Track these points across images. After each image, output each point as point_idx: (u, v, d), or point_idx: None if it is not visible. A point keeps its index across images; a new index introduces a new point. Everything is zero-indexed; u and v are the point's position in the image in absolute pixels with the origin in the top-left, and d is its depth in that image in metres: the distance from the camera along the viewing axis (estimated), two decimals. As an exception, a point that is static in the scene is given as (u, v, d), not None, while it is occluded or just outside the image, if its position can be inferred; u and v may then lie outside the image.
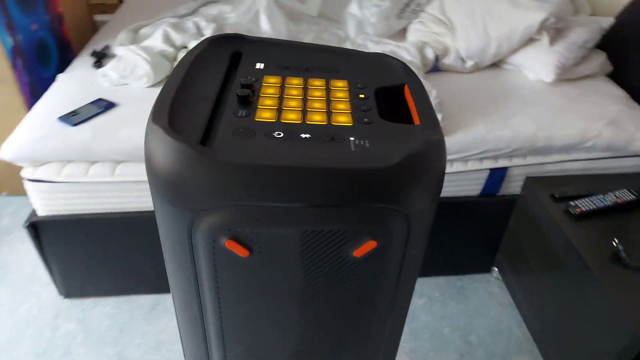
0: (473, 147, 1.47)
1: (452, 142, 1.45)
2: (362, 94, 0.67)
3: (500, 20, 1.75)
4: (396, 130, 0.60)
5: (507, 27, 1.74)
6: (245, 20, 2.00)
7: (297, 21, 2.10)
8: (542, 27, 1.69)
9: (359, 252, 0.57)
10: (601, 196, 1.38)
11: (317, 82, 0.69)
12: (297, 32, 2.01)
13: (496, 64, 1.88)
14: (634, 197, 1.38)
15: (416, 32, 2.00)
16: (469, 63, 1.83)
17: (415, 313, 1.68)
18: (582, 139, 1.50)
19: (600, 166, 1.57)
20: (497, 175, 1.55)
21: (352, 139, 0.57)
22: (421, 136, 0.57)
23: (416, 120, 0.63)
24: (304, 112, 0.62)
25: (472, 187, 1.57)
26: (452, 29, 1.90)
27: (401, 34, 2.09)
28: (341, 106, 0.64)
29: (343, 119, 0.61)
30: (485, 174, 1.54)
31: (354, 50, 0.81)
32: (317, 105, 0.64)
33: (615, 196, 1.38)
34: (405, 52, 1.82)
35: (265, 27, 1.94)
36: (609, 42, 1.77)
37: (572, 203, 1.37)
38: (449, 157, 1.49)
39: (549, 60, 1.70)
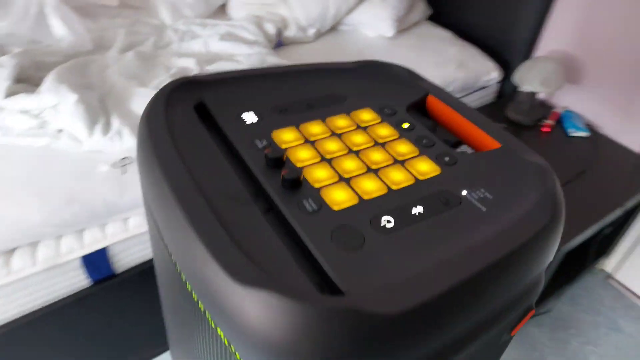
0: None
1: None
2: (404, 123, 0.53)
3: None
4: (487, 160, 0.48)
5: (340, -14, 1.69)
6: (24, 29, 1.50)
7: (93, 17, 1.68)
8: (376, -17, 1.68)
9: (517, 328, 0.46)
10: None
11: (342, 122, 0.52)
12: (100, 32, 1.60)
13: (334, 27, 1.83)
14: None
15: (242, 5, 1.81)
16: (311, 31, 1.74)
17: None
18: (444, 86, 1.59)
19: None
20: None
21: (464, 193, 0.44)
22: (528, 167, 0.47)
23: (478, 138, 0.52)
24: (375, 174, 0.45)
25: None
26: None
27: (221, 10, 1.87)
28: (403, 149, 0.49)
29: (425, 168, 0.47)
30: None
31: (331, 63, 0.64)
32: (377, 157, 0.48)
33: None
34: (244, 31, 1.62)
35: (62, 32, 1.48)
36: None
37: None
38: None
39: (386, 14, 1.73)
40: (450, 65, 1.64)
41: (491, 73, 1.70)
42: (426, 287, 0.34)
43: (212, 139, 0.47)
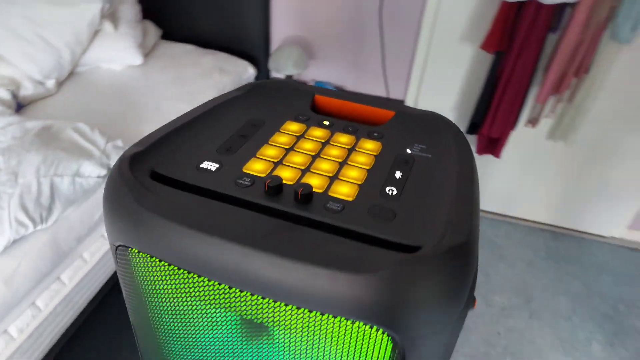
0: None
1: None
2: (324, 122, 0.61)
3: (56, 26, 1.53)
4: (397, 125, 0.62)
5: (68, 29, 1.55)
6: None
7: None
8: (102, 15, 1.60)
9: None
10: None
11: (283, 139, 0.58)
12: None
13: (72, 72, 1.67)
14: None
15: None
16: (50, 83, 1.56)
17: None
18: (218, 94, 1.67)
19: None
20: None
21: (409, 152, 0.57)
22: (426, 118, 0.63)
23: (376, 114, 0.66)
24: (348, 165, 0.54)
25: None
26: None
27: None
28: (344, 139, 0.58)
29: (372, 146, 0.58)
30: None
31: (221, 96, 0.65)
32: (336, 152, 0.56)
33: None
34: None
35: None
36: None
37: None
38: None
39: (126, 43, 1.68)
40: (213, 73, 1.72)
41: (248, 70, 1.86)
42: (463, 229, 0.45)
43: (191, 197, 0.46)
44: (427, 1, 1.68)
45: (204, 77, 1.69)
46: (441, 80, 1.83)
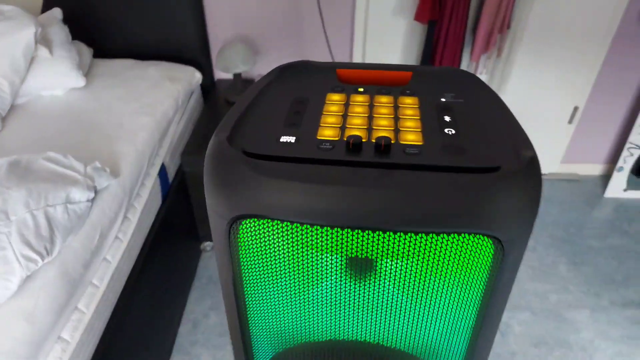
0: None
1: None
2: (359, 88, 0.68)
3: (-10, 56, 1.44)
4: (419, 82, 0.70)
5: (4, 60, 1.46)
6: None
7: None
8: (36, 40, 1.52)
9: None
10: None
11: (334, 107, 0.63)
12: None
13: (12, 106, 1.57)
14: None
15: None
16: (-6, 118, 1.46)
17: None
18: (176, 104, 1.66)
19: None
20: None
21: (444, 100, 0.65)
22: (444, 72, 0.72)
23: (396, 77, 0.73)
24: (400, 119, 0.61)
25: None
26: None
27: None
28: (385, 100, 0.65)
29: (411, 101, 0.65)
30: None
31: (259, 82, 0.69)
32: (386, 110, 0.63)
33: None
34: None
35: None
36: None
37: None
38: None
39: (66, 66, 1.61)
40: (164, 82, 1.70)
41: (195, 75, 1.85)
42: (528, 146, 0.53)
43: (291, 164, 0.50)
44: (359, -17, 1.78)
45: (156, 88, 1.66)
46: (381, 53, 1.95)
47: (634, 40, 1.89)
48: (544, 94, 2.03)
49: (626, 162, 2.09)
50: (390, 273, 0.53)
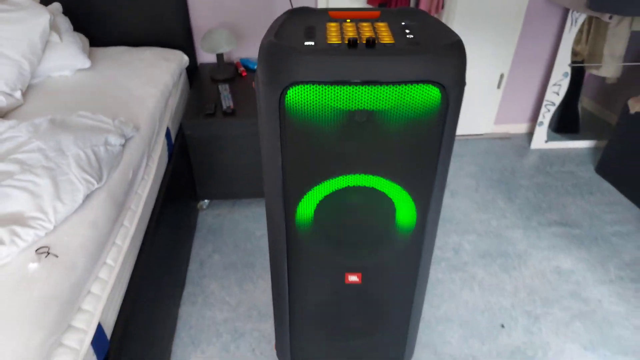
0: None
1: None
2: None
3: (13, 41, 1.66)
4: (387, 16, 1.05)
5: (24, 43, 1.69)
6: None
7: None
8: (50, 26, 1.77)
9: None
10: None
11: (334, 26, 0.96)
12: None
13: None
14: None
15: None
16: (17, 94, 1.69)
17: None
18: (173, 79, 1.93)
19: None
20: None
21: (403, 23, 1.00)
22: (403, 10, 1.07)
23: (371, 14, 1.07)
24: (377, 30, 0.95)
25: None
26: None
27: None
28: (365, 25, 0.99)
29: (384, 25, 0.99)
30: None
31: (274, 24, 1.01)
32: (367, 27, 0.97)
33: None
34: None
35: None
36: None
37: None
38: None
39: (73, 50, 1.85)
40: (160, 62, 1.97)
41: (183, 57, 2.13)
42: (456, 37, 0.88)
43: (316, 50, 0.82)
44: (320, -25, 2.13)
45: (154, 66, 1.93)
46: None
47: (541, 15, 2.35)
48: (476, 64, 2.46)
49: (545, 117, 2.55)
50: (379, 120, 0.87)
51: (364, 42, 0.86)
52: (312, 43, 0.87)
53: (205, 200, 2.17)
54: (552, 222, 2.13)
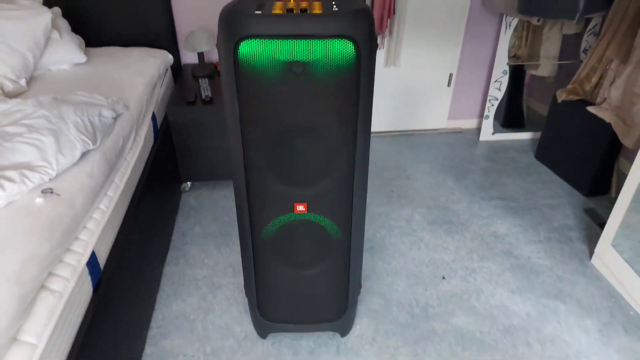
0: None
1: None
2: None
3: (19, 36, 1.94)
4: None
5: (29, 37, 1.96)
6: None
7: None
8: (52, 24, 2.05)
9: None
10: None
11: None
12: None
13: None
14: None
15: None
16: (22, 81, 1.95)
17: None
18: (160, 75, 2.22)
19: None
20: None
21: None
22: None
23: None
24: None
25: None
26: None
27: None
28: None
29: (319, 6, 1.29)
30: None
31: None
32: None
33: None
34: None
35: None
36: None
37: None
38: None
39: (71, 46, 2.13)
40: (147, 58, 2.26)
41: (168, 56, 2.42)
42: (367, 7, 1.18)
43: (263, 15, 1.11)
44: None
45: (142, 62, 2.22)
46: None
47: (480, 20, 2.70)
48: (427, 65, 2.79)
49: (490, 111, 2.87)
50: (313, 70, 1.15)
51: (299, 11, 1.15)
52: (260, 12, 1.16)
53: (188, 183, 2.43)
54: (493, 197, 2.42)
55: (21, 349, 1.02)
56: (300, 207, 1.35)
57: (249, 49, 1.12)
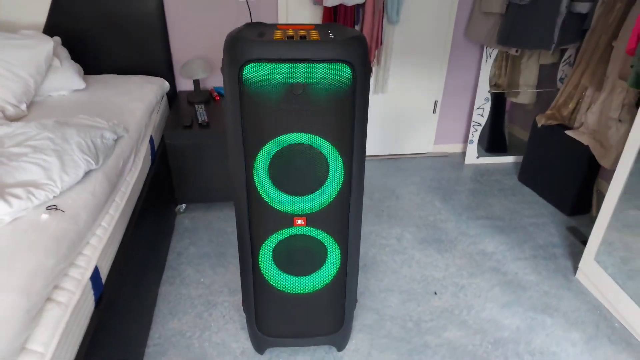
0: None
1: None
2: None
3: (22, 62, 2.01)
4: (320, 30, 1.45)
5: (32, 64, 2.03)
6: None
7: None
8: (54, 52, 2.12)
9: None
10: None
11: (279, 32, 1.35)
12: None
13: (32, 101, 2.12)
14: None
15: None
16: (23, 106, 2.01)
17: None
18: (157, 103, 2.29)
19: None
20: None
21: (331, 35, 1.40)
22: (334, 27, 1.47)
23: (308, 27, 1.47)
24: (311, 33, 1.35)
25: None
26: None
27: None
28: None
29: (316, 35, 1.39)
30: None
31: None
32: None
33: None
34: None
35: None
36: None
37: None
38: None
39: (71, 73, 2.20)
40: (144, 85, 2.34)
41: (164, 83, 2.51)
42: (361, 36, 1.28)
43: (267, 42, 1.20)
44: (279, 12, 2.58)
45: (140, 88, 2.29)
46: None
47: (462, 51, 2.86)
48: (413, 92, 2.92)
49: (474, 136, 2.99)
50: (312, 91, 1.24)
51: (298, 38, 1.24)
52: (262, 39, 1.25)
53: (183, 205, 2.47)
54: (479, 217, 2.51)
55: (30, 358, 1.04)
56: (300, 221, 1.41)
57: (253, 71, 1.20)
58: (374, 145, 3.09)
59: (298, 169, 1.34)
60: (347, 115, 1.28)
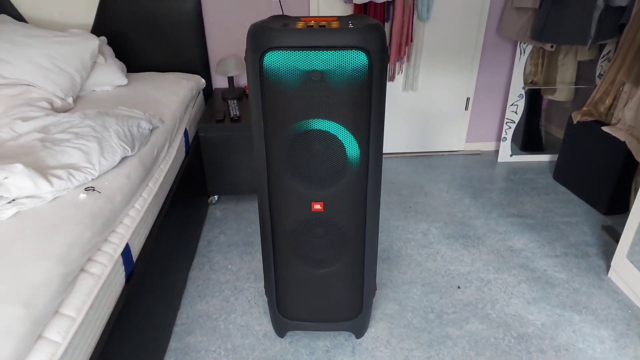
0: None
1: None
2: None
3: (68, 58, 2.16)
4: (343, 21, 1.49)
5: (77, 60, 2.18)
6: None
7: None
8: (99, 50, 2.27)
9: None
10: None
11: (301, 24, 1.41)
12: None
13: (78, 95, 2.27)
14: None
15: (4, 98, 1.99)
16: (70, 99, 2.16)
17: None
18: (194, 96, 2.40)
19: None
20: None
21: (351, 26, 1.45)
22: (357, 17, 1.52)
23: (331, 19, 1.52)
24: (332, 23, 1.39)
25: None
26: (21, 84, 2.07)
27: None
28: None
29: (336, 23, 1.44)
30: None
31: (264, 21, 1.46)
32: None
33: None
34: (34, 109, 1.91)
35: None
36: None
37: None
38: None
39: (115, 68, 2.34)
40: (181, 81, 2.46)
41: (201, 80, 2.62)
42: (379, 24, 1.32)
43: (290, 30, 1.25)
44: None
45: (176, 84, 2.41)
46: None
47: (495, 47, 2.82)
48: (444, 89, 2.91)
49: (507, 133, 2.94)
50: (330, 78, 1.28)
51: (318, 27, 1.29)
52: (286, 27, 1.31)
53: (215, 196, 2.57)
54: (510, 214, 2.47)
55: (62, 321, 1.13)
56: (317, 206, 1.46)
57: (273, 59, 1.26)
58: (403, 143, 3.10)
59: (316, 155, 1.38)
60: (364, 102, 1.32)
